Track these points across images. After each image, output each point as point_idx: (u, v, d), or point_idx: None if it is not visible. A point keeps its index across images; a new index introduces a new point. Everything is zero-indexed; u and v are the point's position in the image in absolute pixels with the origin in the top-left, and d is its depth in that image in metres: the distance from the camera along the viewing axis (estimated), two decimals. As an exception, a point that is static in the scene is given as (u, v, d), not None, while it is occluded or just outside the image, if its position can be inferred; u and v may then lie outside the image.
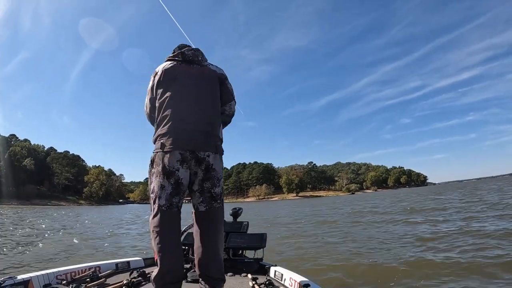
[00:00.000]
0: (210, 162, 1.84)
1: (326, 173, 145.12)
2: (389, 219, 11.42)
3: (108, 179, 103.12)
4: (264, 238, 2.79)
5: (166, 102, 1.88)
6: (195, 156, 1.80)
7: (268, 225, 13.06)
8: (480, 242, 5.77)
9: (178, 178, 1.78)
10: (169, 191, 1.78)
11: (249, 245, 2.78)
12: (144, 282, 2.20)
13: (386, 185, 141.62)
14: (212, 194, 1.87)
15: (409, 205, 17.74)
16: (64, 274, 2.23)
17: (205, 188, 1.85)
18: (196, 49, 2.05)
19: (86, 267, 2.41)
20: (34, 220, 19.10)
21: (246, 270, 2.54)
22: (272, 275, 2.42)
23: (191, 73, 1.97)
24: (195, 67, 2.01)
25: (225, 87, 2.07)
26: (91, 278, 2.19)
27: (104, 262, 2.59)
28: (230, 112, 2.14)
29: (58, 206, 67.79)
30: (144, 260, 2.80)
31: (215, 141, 1.89)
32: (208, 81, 1.99)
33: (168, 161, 1.77)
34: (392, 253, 5.63)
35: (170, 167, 1.77)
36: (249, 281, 2.15)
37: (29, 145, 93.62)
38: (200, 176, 1.84)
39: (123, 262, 2.66)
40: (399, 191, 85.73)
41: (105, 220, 20.44)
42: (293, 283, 2.09)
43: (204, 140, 1.83)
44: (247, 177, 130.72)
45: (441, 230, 7.68)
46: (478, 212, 10.83)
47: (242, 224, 3.07)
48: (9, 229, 12.36)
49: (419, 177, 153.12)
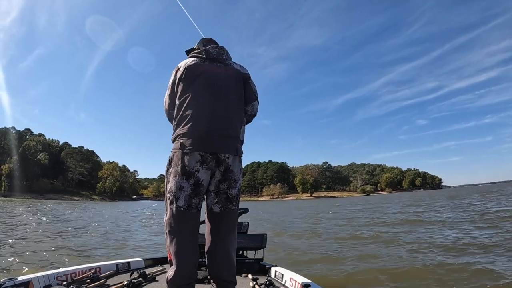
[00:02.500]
0: (229, 164, 1.82)
1: (341, 174, 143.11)
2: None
3: (122, 175, 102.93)
4: (265, 238, 2.83)
5: (188, 101, 1.84)
6: (216, 158, 1.78)
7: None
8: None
9: (198, 179, 1.76)
10: (188, 192, 1.75)
11: (249, 245, 2.81)
12: (145, 283, 2.23)
13: (401, 187, 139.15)
14: (228, 196, 1.85)
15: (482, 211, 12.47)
16: (65, 275, 2.24)
17: (221, 189, 1.84)
18: (221, 47, 2.01)
19: (87, 268, 2.41)
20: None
21: (246, 270, 2.53)
22: (272, 276, 2.46)
23: (215, 72, 1.92)
24: (219, 66, 1.96)
25: (248, 86, 2.03)
26: (92, 279, 2.22)
27: (105, 263, 2.60)
28: (252, 112, 2.10)
29: (72, 201, 67.23)
30: (145, 260, 2.82)
31: (236, 143, 1.87)
32: (232, 81, 1.95)
33: (188, 162, 1.75)
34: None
35: (189, 168, 1.75)
36: (250, 282, 2.18)
37: (43, 139, 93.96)
38: (218, 177, 1.82)
39: (124, 263, 2.67)
40: (414, 193, 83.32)
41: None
42: (293, 283, 2.10)
43: (225, 142, 1.81)
44: (262, 176, 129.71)
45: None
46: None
47: (242, 224, 3.01)
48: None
49: (434, 180, 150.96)
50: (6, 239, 7.12)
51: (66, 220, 14.75)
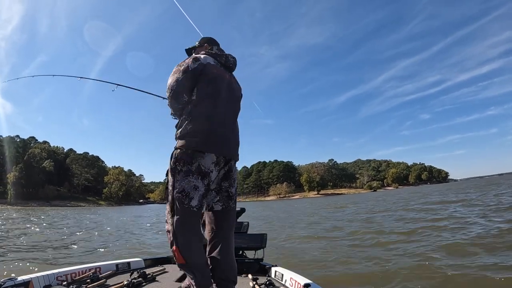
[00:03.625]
0: (233, 166, 1.95)
1: (347, 171, 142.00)
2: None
3: (128, 179, 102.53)
4: (265, 238, 2.83)
5: (205, 100, 1.82)
6: (226, 161, 1.86)
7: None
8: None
9: (210, 180, 1.80)
10: (201, 192, 1.76)
11: (249, 245, 2.82)
12: (145, 283, 2.23)
13: (407, 182, 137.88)
14: (229, 194, 1.91)
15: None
16: (65, 275, 2.25)
17: (223, 187, 1.90)
18: (235, 58, 2.07)
19: (87, 268, 2.42)
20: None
21: (246, 270, 2.53)
22: (272, 276, 2.47)
23: (227, 80, 1.96)
24: (230, 75, 2.03)
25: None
26: (92, 279, 2.23)
27: (105, 263, 2.61)
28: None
29: (78, 207, 66.67)
30: (144, 260, 2.82)
31: (238, 151, 2.00)
32: (237, 93, 2.05)
33: (204, 162, 1.76)
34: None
35: (205, 168, 1.76)
36: (250, 282, 2.19)
37: (48, 147, 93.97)
38: (220, 176, 1.88)
39: (123, 263, 2.68)
40: (421, 188, 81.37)
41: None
42: (293, 283, 2.12)
43: (235, 148, 1.94)
44: (268, 175, 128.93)
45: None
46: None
47: (242, 224, 3.03)
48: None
49: (440, 174, 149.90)
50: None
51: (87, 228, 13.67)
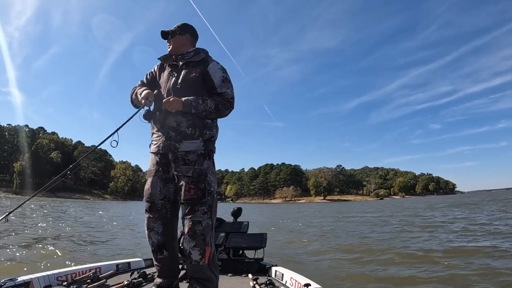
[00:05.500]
0: None
1: (354, 177, 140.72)
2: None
3: (134, 175, 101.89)
4: (264, 238, 2.83)
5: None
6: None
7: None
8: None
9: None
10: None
11: (249, 245, 2.82)
12: (145, 283, 2.22)
13: (414, 191, 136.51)
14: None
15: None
16: (65, 275, 2.24)
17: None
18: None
19: (87, 268, 2.41)
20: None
21: (246, 270, 2.56)
22: (273, 275, 2.48)
23: None
24: None
25: None
26: (92, 279, 2.22)
27: (105, 263, 2.61)
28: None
29: (84, 200, 66.21)
30: (145, 260, 2.80)
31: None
32: None
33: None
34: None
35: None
36: (250, 281, 2.20)
37: (57, 138, 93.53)
38: None
39: (124, 263, 2.67)
40: (428, 198, 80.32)
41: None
42: (293, 283, 2.13)
43: None
44: (275, 178, 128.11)
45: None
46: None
47: (242, 224, 3.06)
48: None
49: (448, 185, 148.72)
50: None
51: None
